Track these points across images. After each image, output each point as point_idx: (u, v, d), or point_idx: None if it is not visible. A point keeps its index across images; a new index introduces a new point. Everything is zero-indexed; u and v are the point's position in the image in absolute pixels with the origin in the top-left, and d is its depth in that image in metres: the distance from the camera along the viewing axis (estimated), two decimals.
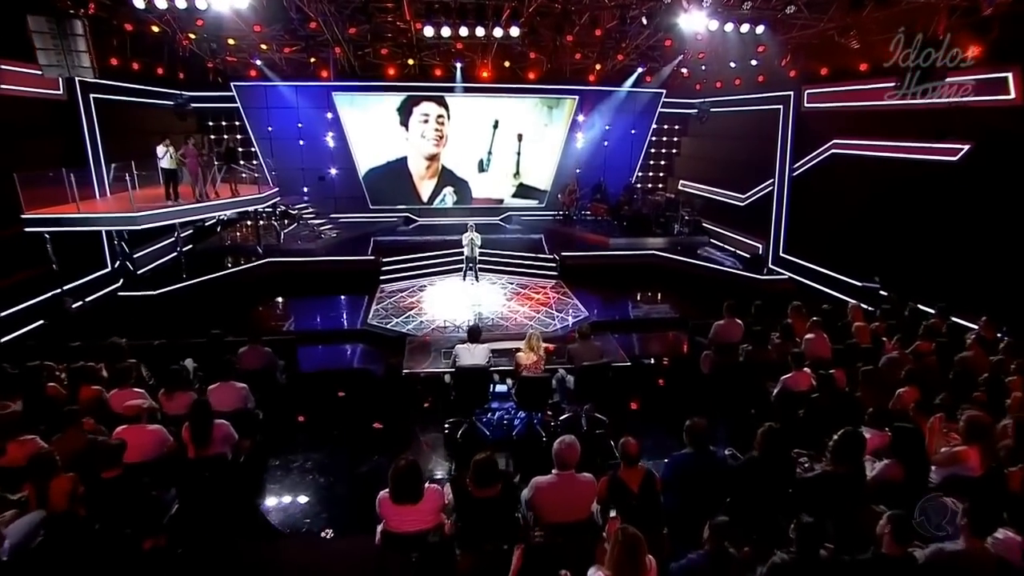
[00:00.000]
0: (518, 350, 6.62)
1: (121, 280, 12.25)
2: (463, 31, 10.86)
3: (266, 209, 15.99)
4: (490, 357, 6.52)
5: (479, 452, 3.83)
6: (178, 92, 15.94)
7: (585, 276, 14.33)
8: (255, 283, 13.39)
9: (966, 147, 10.24)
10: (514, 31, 11.37)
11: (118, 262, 12.61)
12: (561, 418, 6.86)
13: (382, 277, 13.92)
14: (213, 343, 6.97)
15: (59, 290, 10.46)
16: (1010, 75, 9.27)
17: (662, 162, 21.52)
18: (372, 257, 14.26)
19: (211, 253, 14.78)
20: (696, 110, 18.25)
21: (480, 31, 10.88)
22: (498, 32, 10.94)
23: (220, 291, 12.58)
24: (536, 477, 3.91)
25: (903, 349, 6.68)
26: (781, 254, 15.13)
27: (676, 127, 20.90)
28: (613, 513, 3.70)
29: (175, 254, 13.65)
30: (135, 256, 13.49)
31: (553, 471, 3.88)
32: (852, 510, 3.86)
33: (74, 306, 10.04)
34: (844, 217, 12.78)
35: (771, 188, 15.52)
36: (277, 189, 15.55)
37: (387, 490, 3.70)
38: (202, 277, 12.58)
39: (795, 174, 14.84)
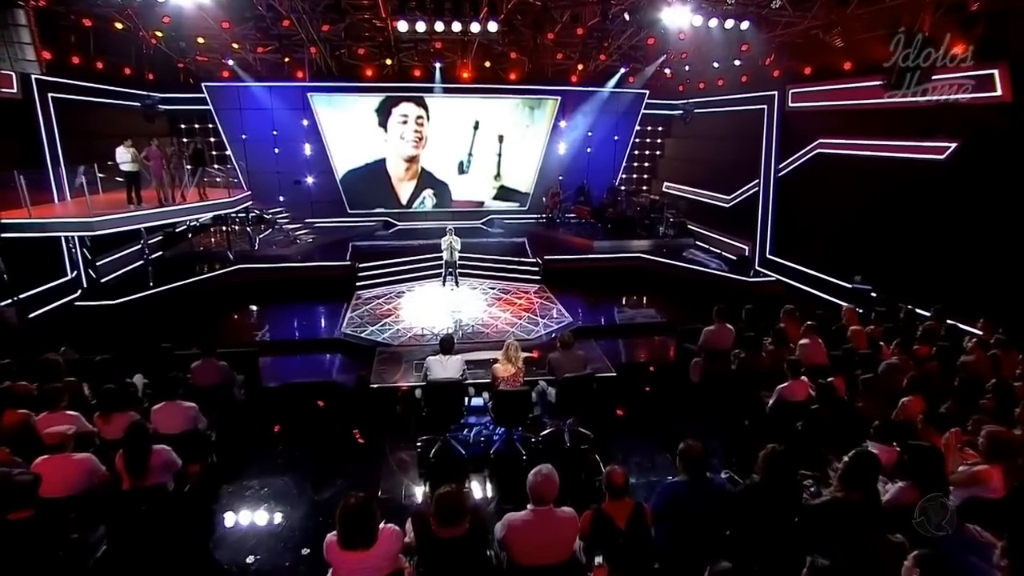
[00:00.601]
0: (495, 361, 6.09)
1: (80, 290, 11.50)
2: (439, 26, 10.35)
3: (239, 214, 15.32)
4: (464, 369, 5.98)
5: (447, 484, 3.28)
6: (146, 93, 15.23)
7: (569, 280, 13.86)
8: (225, 291, 12.72)
9: (953, 145, 9.99)
10: (492, 27, 10.90)
11: (76, 271, 11.85)
12: (542, 434, 6.33)
13: (358, 283, 13.32)
14: (162, 358, 6.35)
15: (8, 301, 9.72)
16: (996, 72, 9.00)
17: (646, 164, 21.18)
18: (348, 263, 13.63)
19: (181, 260, 14.06)
20: (680, 111, 17.94)
21: (457, 26, 10.39)
22: (475, 28, 10.45)
23: (188, 300, 11.89)
24: (509, 514, 3.38)
25: (904, 354, 6.27)
26: (768, 256, 14.79)
27: (660, 128, 20.59)
28: (599, 560, 3.16)
29: (142, 261, 12.93)
30: (98, 264, 12.78)
31: (528, 506, 3.35)
32: (867, 541, 3.39)
33: (18, 318, 9.28)
34: (831, 218, 12.48)
35: (756, 189, 15.20)
36: (250, 193, 14.88)
37: (335, 532, 3.14)
38: (167, 285, 11.87)
39: (781, 175, 14.53)
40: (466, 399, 6.16)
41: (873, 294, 10.27)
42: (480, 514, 3.51)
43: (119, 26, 13.09)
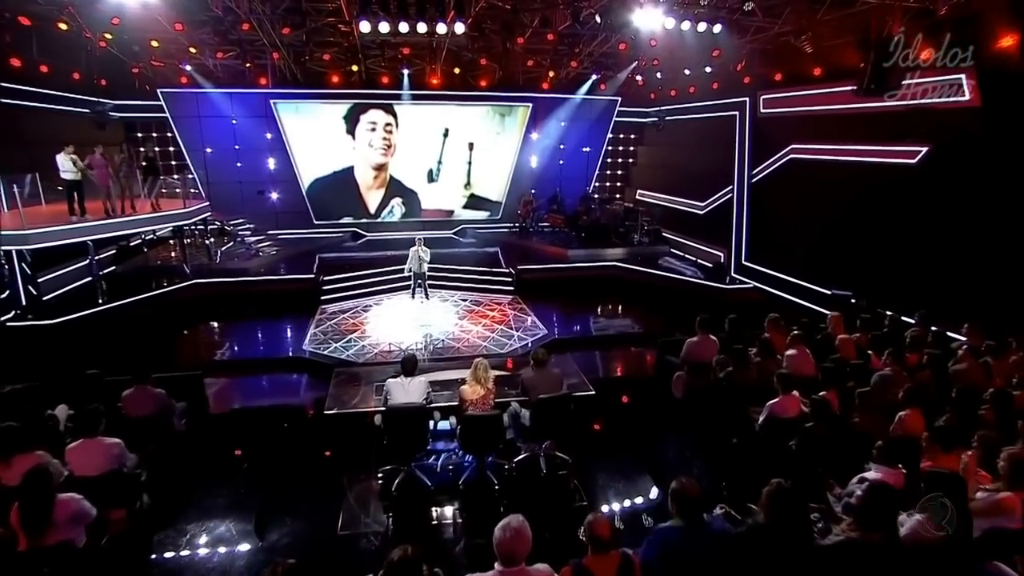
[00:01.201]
0: (463, 382, 5.50)
1: (15, 310, 10.52)
2: (403, 27, 9.76)
3: (197, 226, 14.44)
4: (429, 392, 5.38)
5: (402, 548, 2.67)
6: (97, 99, 14.30)
7: (543, 290, 13.36)
8: (179, 308, 11.86)
9: (924, 149, 9.91)
10: (459, 28, 10.38)
11: (13, 288, 10.85)
12: (516, 460, 5.75)
13: (323, 297, 12.58)
14: (89, 386, 5.60)
15: None
16: (963, 76, 8.93)
17: (619, 172, 20.92)
18: (311, 276, 12.88)
19: (134, 275, 13.10)
20: (653, 118, 17.70)
21: (422, 27, 9.81)
22: (442, 29, 9.90)
23: (137, 319, 11.01)
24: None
25: (896, 364, 5.88)
26: (744, 262, 14.56)
27: (632, 136, 20.38)
28: None
29: (91, 277, 11.97)
30: (42, 280, 11.78)
31: (496, 566, 2.77)
32: None
33: None
34: (806, 223, 12.33)
35: (730, 195, 15.04)
36: (208, 204, 14.03)
37: None
38: (114, 303, 10.96)
39: (754, 180, 14.37)
40: (432, 423, 5.56)
41: (852, 300, 10.00)
42: None
43: (63, 27, 12.21)
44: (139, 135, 16.74)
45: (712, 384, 6.63)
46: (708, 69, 15.77)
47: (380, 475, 5.61)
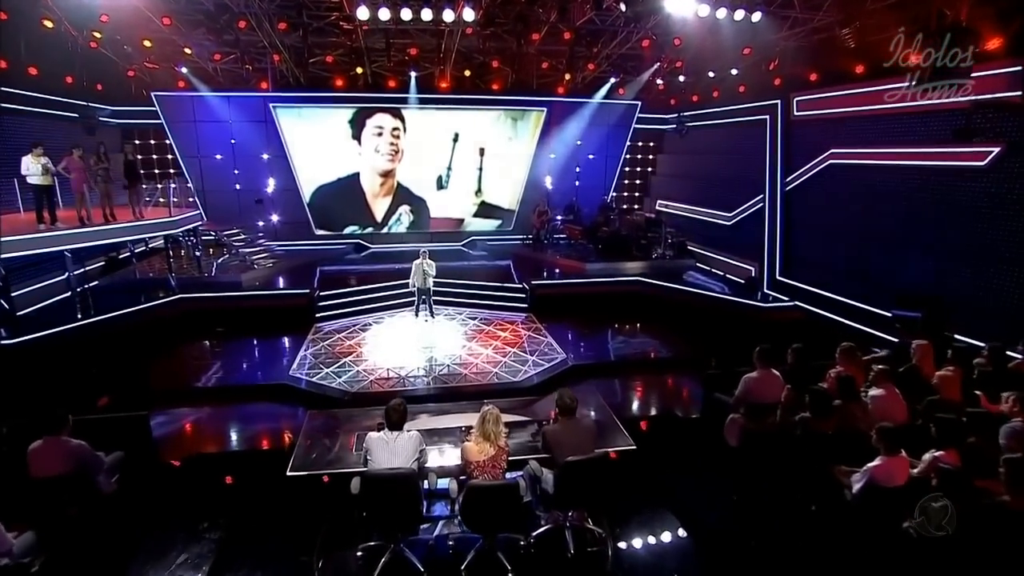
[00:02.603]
0: (467, 432, 4.17)
1: None
2: (406, 14, 8.62)
3: (189, 237, 13.31)
4: (422, 452, 4.04)
5: None
6: (85, 103, 13.30)
7: (560, 307, 11.99)
8: (162, 325, 10.63)
9: (996, 149, 8.55)
10: (468, 14, 9.17)
11: None
12: (535, 534, 4.39)
13: (320, 314, 11.33)
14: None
15: None
16: None
17: (637, 181, 19.61)
18: (306, 291, 11.62)
19: (117, 289, 11.93)
20: (675, 124, 16.39)
21: (427, 14, 8.65)
22: (449, 16, 8.75)
23: (113, 337, 9.78)
24: None
25: None
26: (778, 277, 13.15)
27: (651, 144, 19.08)
28: None
29: (71, 292, 10.80)
30: (18, 293, 10.66)
31: None
32: None
33: None
34: (848, 234, 11.02)
35: (761, 205, 13.68)
36: (198, 212, 12.89)
37: None
38: (82, 321, 9.74)
39: (788, 188, 13.01)
40: (424, 485, 4.21)
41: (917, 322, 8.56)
42: None
43: (48, 24, 11.24)
44: (136, 142, 15.77)
45: (775, 430, 5.26)
46: (734, 71, 14.64)
47: (360, 553, 4.27)
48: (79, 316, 10.04)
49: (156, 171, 15.82)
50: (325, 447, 4.81)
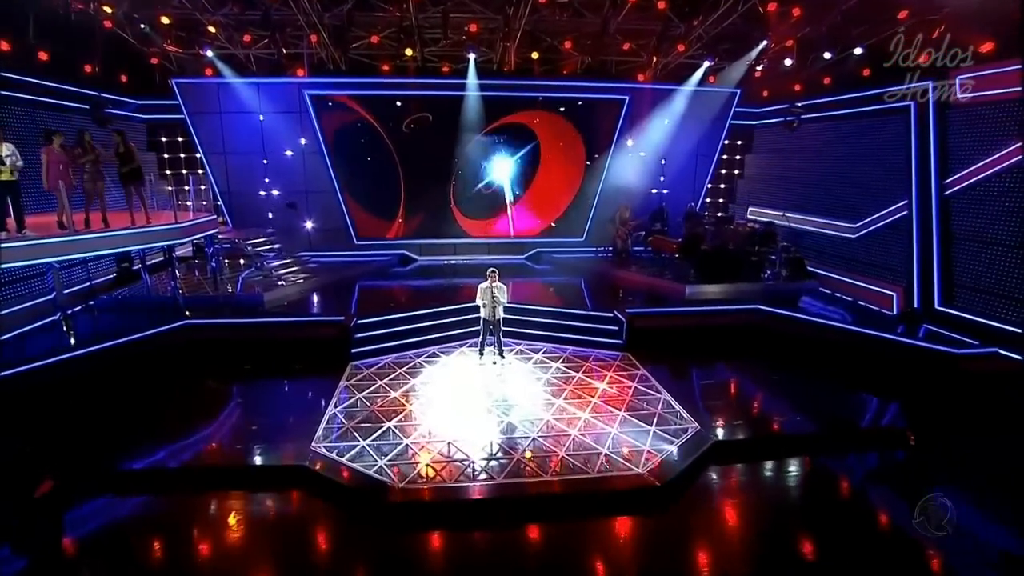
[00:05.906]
0: None
1: None
2: None
3: (207, 246, 10.87)
4: None
5: None
6: (94, 92, 11.12)
7: (661, 344, 9.03)
8: (159, 360, 8.13)
9: None
10: None
11: None
12: None
13: (355, 349, 8.65)
14: None
15: None
16: None
17: (721, 185, 16.39)
18: (339, 318, 8.94)
19: (116, 311, 9.56)
20: (784, 117, 13.14)
21: None
22: None
23: (98, 375, 7.33)
24: None
25: None
26: (936, 307, 9.88)
27: (738, 143, 15.84)
28: None
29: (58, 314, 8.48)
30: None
31: None
32: None
33: None
34: None
35: (905, 213, 10.53)
36: (213, 217, 10.42)
37: None
38: (60, 357, 7.33)
39: (949, 192, 9.79)
40: None
41: None
42: None
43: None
44: (163, 139, 13.65)
45: None
46: (858, 51, 11.54)
47: None
48: (72, 343, 7.71)
49: (184, 171, 13.69)
50: None
